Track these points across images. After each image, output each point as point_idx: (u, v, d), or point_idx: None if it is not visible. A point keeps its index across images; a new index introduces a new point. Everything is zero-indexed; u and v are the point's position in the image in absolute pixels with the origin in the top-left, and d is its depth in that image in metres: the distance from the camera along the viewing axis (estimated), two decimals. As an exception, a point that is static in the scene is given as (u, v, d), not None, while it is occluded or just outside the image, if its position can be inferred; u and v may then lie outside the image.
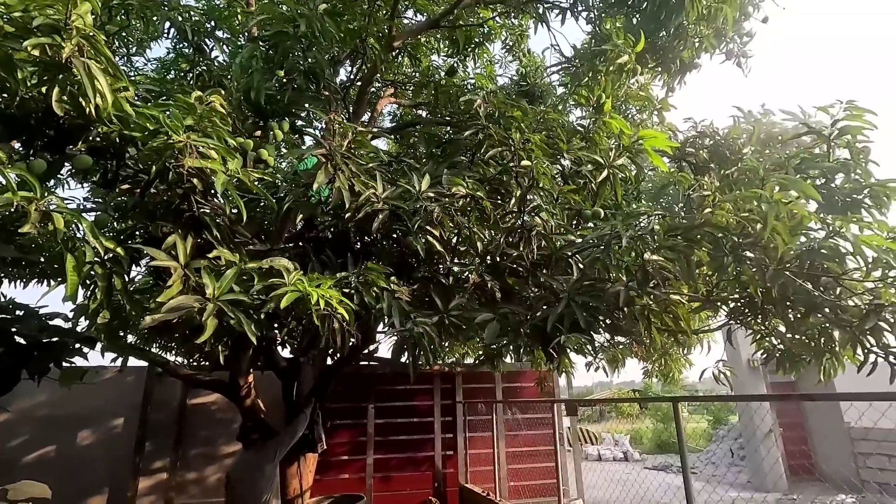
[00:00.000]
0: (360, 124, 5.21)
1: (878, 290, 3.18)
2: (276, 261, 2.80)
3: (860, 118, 3.12)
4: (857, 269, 3.09)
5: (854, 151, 3.18)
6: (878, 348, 3.25)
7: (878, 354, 3.30)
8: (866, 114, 3.10)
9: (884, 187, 3.05)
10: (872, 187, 3.09)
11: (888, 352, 3.25)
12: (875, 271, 3.15)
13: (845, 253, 2.88)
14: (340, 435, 7.52)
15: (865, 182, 3.13)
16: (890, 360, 3.27)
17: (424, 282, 3.69)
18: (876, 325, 3.08)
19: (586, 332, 3.07)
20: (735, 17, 4.24)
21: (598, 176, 3.37)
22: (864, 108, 3.10)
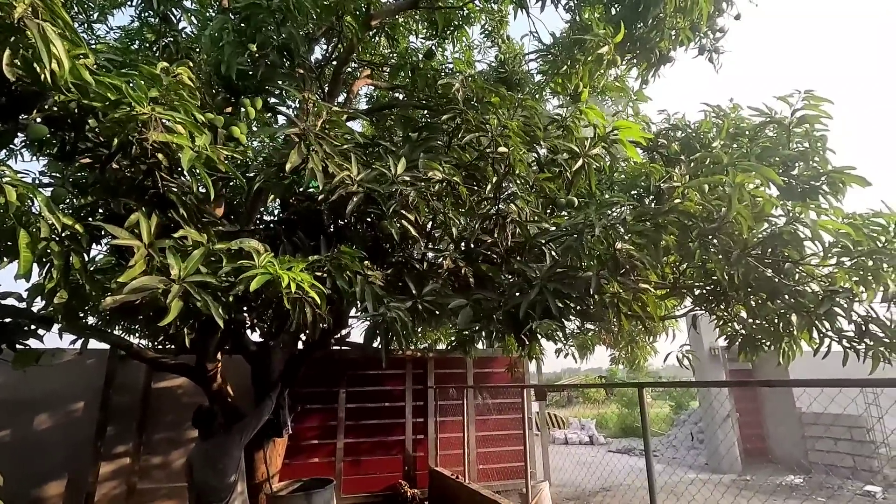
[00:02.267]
0: (335, 105, 5.10)
1: (834, 276, 3.32)
2: (245, 242, 2.73)
3: (818, 107, 3.22)
4: (814, 255, 3.21)
5: (812, 140, 3.29)
6: (832, 332, 3.41)
7: (832, 338, 3.46)
8: (823, 103, 3.20)
9: (840, 174, 3.17)
10: (830, 174, 3.20)
11: (841, 336, 3.41)
12: (831, 258, 3.28)
13: (804, 238, 2.97)
14: (311, 419, 7.47)
15: (823, 169, 3.24)
16: (843, 344, 3.44)
17: (398, 267, 3.67)
18: (830, 309, 3.22)
19: (558, 318, 3.11)
20: (710, 12, 4.30)
21: (574, 165, 3.40)
22: (821, 98, 3.20)
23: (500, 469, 8.06)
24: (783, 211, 3.15)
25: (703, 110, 4.60)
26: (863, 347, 3.27)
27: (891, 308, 3.22)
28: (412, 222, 3.04)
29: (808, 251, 3.18)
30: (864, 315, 3.24)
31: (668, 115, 4.55)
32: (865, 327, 3.23)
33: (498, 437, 8.23)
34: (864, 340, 3.24)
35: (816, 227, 2.83)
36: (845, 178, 3.18)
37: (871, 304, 3.28)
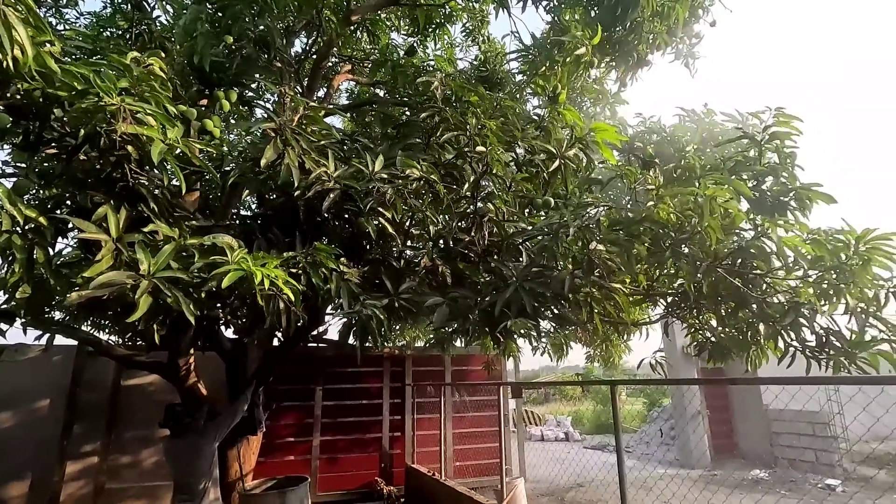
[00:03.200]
0: (313, 100, 5.04)
1: (798, 289, 3.45)
2: (218, 237, 2.68)
3: (788, 124, 3.34)
4: (781, 268, 3.34)
5: (782, 156, 3.40)
6: (796, 342, 3.54)
7: (797, 348, 3.59)
8: (794, 120, 3.32)
9: (807, 191, 3.29)
10: (797, 190, 3.32)
11: (805, 345, 3.55)
12: (797, 271, 3.41)
13: (771, 252, 3.09)
14: (287, 417, 7.40)
15: (791, 185, 3.36)
16: (806, 354, 3.58)
17: (375, 264, 3.65)
18: (795, 320, 3.34)
19: (533, 317, 3.15)
20: (686, 18, 4.39)
21: (551, 165, 3.43)
22: (791, 115, 3.32)
23: (477, 466, 8.12)
24: (752, 225, 3.25)
25: (677, 114, 4.70)
26: (824, 357, 3.39)
27: (850, 321, 3.36)
28: (389, 220, 3.03)
29: (775, 264, 3.30)
30: (826, 327, 3.37)
31: (644, 118, 4.64)
32: (826, 338, 3.36)
33: (475, 435, 8.29)
34: (825, 350, 3.37)
35: (782, 244, 2.93)
36: (812, 194, 3.30)
37: (832, 316, 3.41)
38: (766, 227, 3.00)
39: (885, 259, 2.94)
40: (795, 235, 3.03)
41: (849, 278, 2.96)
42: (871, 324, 3.28)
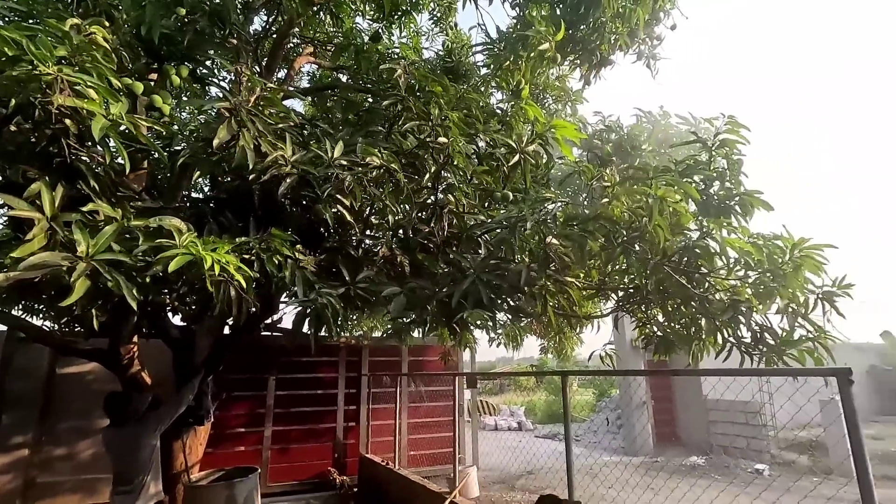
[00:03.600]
0: (272, 80, 4.87)
1: (737, 288, 3.67)
2: (166, 220, 2.56)
3: (737, 133, 3.52)
4: (723, 268, 3.54)
5: (730, 162, 3.59)
6: (733, 338, 3.77)
7: (733, 343, 3.83)
8: (742, 129, 3.50)
9: (751, 196, 3.49)
10: (742, 196, 3.51)
11: (740, 342, 3.79)
12: (738, 272, 3.63)
13: (714, 252, 3.27)
14: (238, 407, 7.21)
15: (736, 191, 3.56)
16: (741, 349, 3.82)
17: (333, 252, 3.60)
18: (734, 317, 3.56)
19: (489, 308, 3.19)
20: (647, 20, 4.53)
21: (511, 159, 3.47)
22: (741, 124, 3.50)
23: (431, 455, 8.20)
24: (698, 226, 3.43)
25: (635, 115, 4.86)
26: (757, 353, 3.63)
27: (782, 320, 3.62)
28: (348, 208, 2.98)
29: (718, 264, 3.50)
30: (761, 325, 3.61)
31: (604, 117, 4.76)
32: (760, 335, 3.59)
33: (429, 424, 8.35)
34: (758, 347, 3.61)
35: (724, 244, 3.11)
36: (754, 200, 3.50)
37: (766, 315, 3.66)
38: (711, 228, 3.17)
39: (815, 266, 3.18)
40: (737, 238, 3.21)
41: (782, 281, 3.18)
42: (799, 324, 3.55)
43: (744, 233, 3.35)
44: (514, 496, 7.63)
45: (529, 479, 8.70)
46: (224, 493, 4.33)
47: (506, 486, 8.35)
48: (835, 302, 3.55)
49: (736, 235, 3.29)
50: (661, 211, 2.89)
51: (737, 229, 3.35)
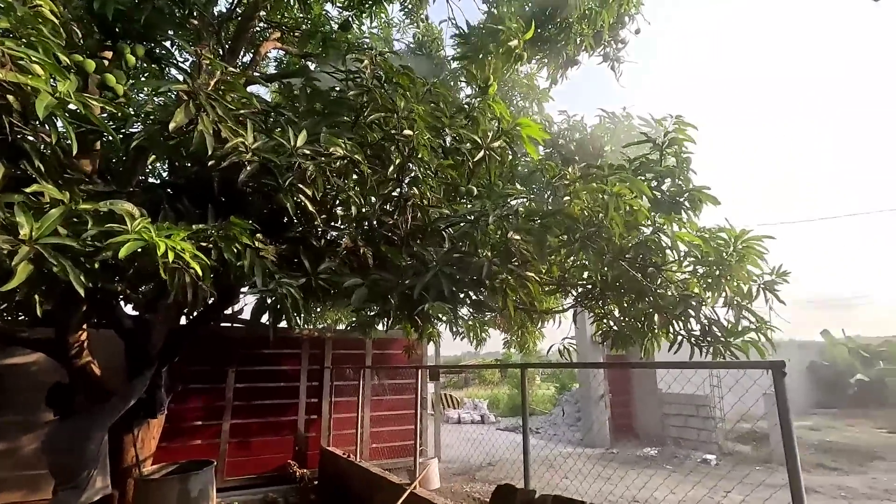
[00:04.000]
0: (236, 64, 4.74)
1: (687, 282, 3.84)
2: (117, 204, 2.47)
3: (684, 132, 3.68)
4: (674, 262, 3.69)
5: (680, 160, 3.75)
6: (683, 331, 3.94)
7: (684, 336, 4.00)
8: (689, 128, 3.67)
9: (699, 192, 3.66)
10: (691, 192, 3.68)
11: (690, 335, 3.96)
12: (688, 266, 3.80)
13: (666, 247, 3.41)
14: (196, 399, 7.02)
15: (686, 187, 3.72)
16: (691, 342, 4.00)
17: (295, 243, 3.55)
18: (684, 310, 3.72)
19: (451, 301, 3.23)
20: (612, 23, 4.65)
21: (476, 155, 3.51)
22: (688, 123, 3.67)
23: (393, 447, 8.22)
24: (651, 222, 3.57)
25: (599, 115, 4.98)
26: (705, 344, 3.81)
27: (728, 312, 3.81)
28: (310, 197, 2.95)
29: (670, 258, 3.65)
30: (709, 318, 3.79)
31: (568, 116, 4.87)
32: (709, 328, 3.78)
33: (392, 417, 8.37)
34: (707, 339, 3.79)
35: (675, 238, 3.25)
36: (702, 196, 3.67)
37: (714, 307, 3.84)
38: (663, 223, 3.31)
39: (757, 257, 3.36)
40: (686, 232, 3.36)
41: (728, 272, 3.35)
42: (744, 315, 3.74)
43: (692, 227, 3.51)
44: (475, 487, 7.75)
45: (490, 470, 8.85)
46: (177, 486, 4.22)
47: (467, 477, 8.47)
48: (776, 291, 3.76)
49: (685, 230, 3.44)
50: (617, 207, 3.00)
51: (686, 224, 3.50)
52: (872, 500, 6.94)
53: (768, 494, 4.10)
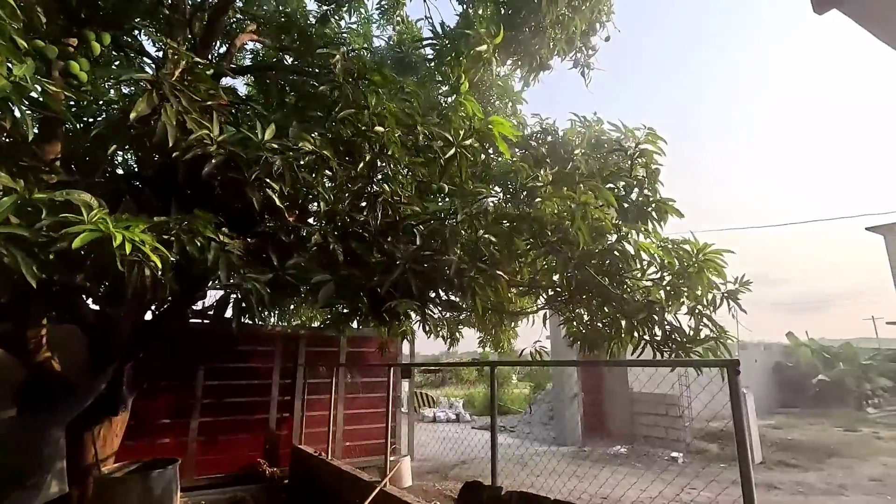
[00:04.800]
0: (208, 56, 4.66)
1: (651, 289, 3.94)
2: (74, 194, 2.41)
3: (655, 144, 3.78)
4: (638, 270, 3.79)
5: (649, 171, 3.84)
6: (647, 336, 4.04)
7: (647, 341, 4.10)
8: (660, 140, 3.76)
9: (665, 204, 3.75)
10: (658, 203, 3.77)
11: (653, 339, 4.06)
12: (652, 275, 3.89)
13: (631, 255, 3.49)
14: (163, 397, 6.86)
15: (653, 198, 3.81)
16: (653, 347, 4.10)
17: (263, 238, 3.51)
18: (648, 316, 3.82)
19: (419, 299, 3.24)
20: (583, 29, 4.73)
21: (448, 153, 3.52)
22: (658, 136, 3.76)
23: (366, 446, 8.19)
24: (617, 230, 3.65)
25: (571, 119, 5.05)
26: (667, 349, 3.92)
27: (691, 319, 3.92)
28: (278, 192, 2.93)
29: (635, 267, 3.74)
30: (671, 324, 3.89)
31: (541, 118, 4.92)
32: (670, 334, 3.88)
33: (366, 415, 8.33)
34: (669, 344, 3.89)
35: (639, 248, 3.34)
36: (668, 208, 3.77)
37: (676, 315, 3.95)
38: (627, 232, 3.39)
39: (717, 268, 3.48)
40: (651, 242, 3.46)
41: (688, 282, 3.46)
42: (704, 324, 3.86)
43: (657, 237, 3.60)
44: (447, 485, 7.78)
45: (463, 468, 8.89)
46: (138, 485, 4.12)
47: (439, 475, 8.49)
48: (738, 299, 3.89)
49: (650, 240, 3.53)
50: (584, 216, 3.06)
51: (651, 234, 3.60)
52: (828, 495, 7.22)
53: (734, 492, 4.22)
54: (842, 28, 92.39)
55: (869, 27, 1.75)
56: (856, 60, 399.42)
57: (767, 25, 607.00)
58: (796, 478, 8.19)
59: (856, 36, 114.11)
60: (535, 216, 3.23)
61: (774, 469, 8.87)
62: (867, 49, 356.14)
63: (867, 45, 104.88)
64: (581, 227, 3.03)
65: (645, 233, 3.56)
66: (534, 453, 9.77)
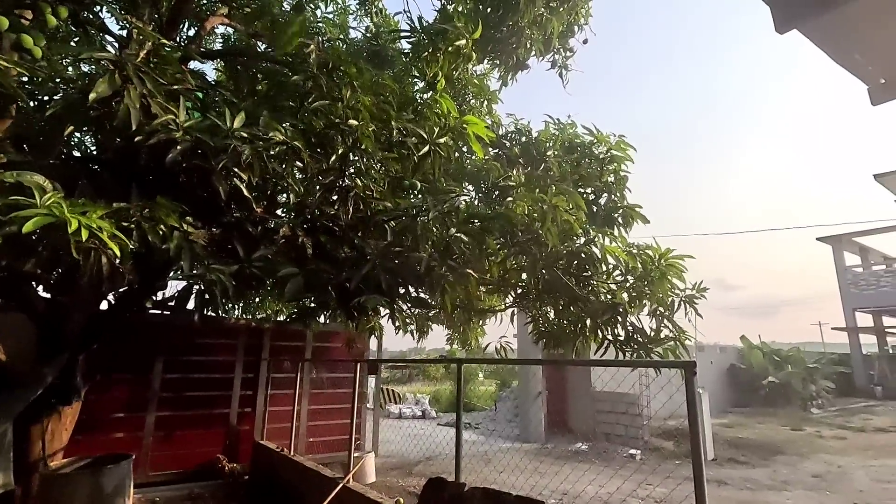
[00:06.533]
0: (174, 37, 4.49)
1: (615, 291, 4.06)
2: (26, 175, 2.29)
3: (625, 152, 3.89)
4: (604, 273, 3.90)
5: (618, 177, 3.95)
6: (610, 336, 4.16)
7: (611, 341, 4.22)
8: (629, 149, 3.87)
9: (632, 210, 3.87)
10: (625, 209, 3.88)
11: (616, 339, 4.19)
12: (618, 277, 4.01)
13: (597, 258, 3.59)
14: (117, 390, 6.60)
15: (620, 204, 3.92)
16: (616, 346, 4.22)
17: (229, 228, 3.42)
18: (612, 317, 3.94)
19: (388, 294, 3.23)
20: (561, 30, 4.80)
21: (421, 149, 3.52)
22: (628, 144, 3.87)
23: (330, 441, 8.11)
24: (585, 232, 3.75)
25: (545, 120, 5.12)
26: (629, 349, 4.05)
27: (652, 321, 4.07)
28: (245, 182, 2.85)
29: (601, 269, 3.85)
30: (633, 325, 4.02)
31: (516, 119, 4.97)
32: (632, 334, 4.01)
33: (330, 411, 8.25)
34: (631, 344, 4.02)
35: (605, 251, 3.44)
36: (634, 214, 3.88)
37: (639, 316, 4.09)
38: (595, 236, 3.49)
39: (678, 273, 3.62)
40: (616, 246, 3.57)
41: (651, 286, 3.58)
42: (665, 325, 4.01)
43: (623, 242, 3.71)
44: (410, 481, 7.79)
45: (428, 464, 8.92)
46: (88, 481, 3.96)
47: (403, 471, 8.49)
48: (695, 304, 4.04)
49: (616, 244, 3.64)
50: (554, 219, 3.12)
51: (617, 238, 3.71)
52: (773, 490, 7.60)
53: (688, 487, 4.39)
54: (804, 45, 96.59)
55: (826, 49, 1.84)
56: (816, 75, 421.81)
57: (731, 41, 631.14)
58: (745, 474, 8.59)
59: (815, 53, 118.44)
60: (506, 216, 3.26)
61: (725, 466, 9.27)
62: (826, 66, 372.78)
63: (825, 63, 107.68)
64: (551, 228, 3.09)
65: (611, 237, 3.66)
66: (498, 450, 9.90)
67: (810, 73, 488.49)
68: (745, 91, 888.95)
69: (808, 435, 12.34)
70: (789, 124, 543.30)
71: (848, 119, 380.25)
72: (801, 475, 8.49)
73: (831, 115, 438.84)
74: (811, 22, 1.78)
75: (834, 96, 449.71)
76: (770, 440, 11.51)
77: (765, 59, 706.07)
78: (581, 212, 3.57)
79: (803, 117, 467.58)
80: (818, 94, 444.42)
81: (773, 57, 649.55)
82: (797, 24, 1.75)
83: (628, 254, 3.56)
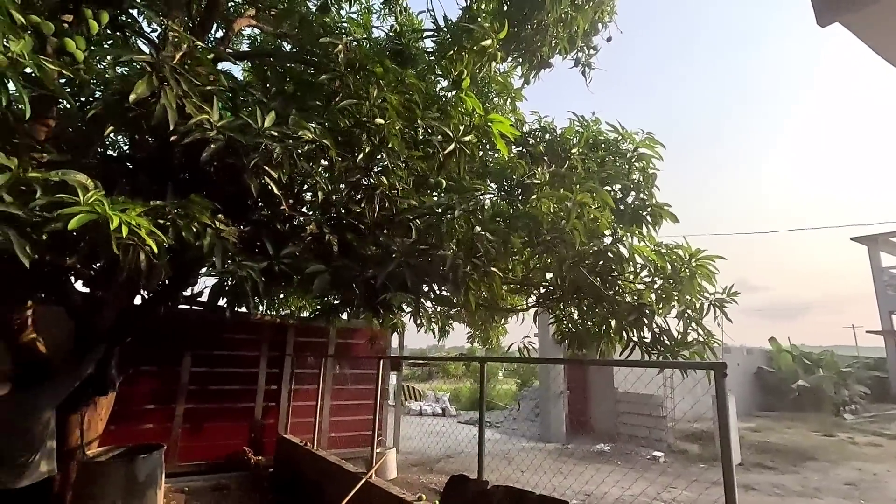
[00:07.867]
0: (205, 39, 4.60)
1: (642, 292, 3.99)
2: (70, 174, 2.38)
3: (653, 149, 3.81)
4: (630, 272, 3.84)
5: (646, 175, 3.88)
6: (636, 338, 4.10)
7: (636, 342, 4.16)
8: (658, 146, 3.80)
9: (660, 208, 3.79)
10: (653, 207, 3.81)
11: (641, 341, 4.13)
12: (647, 277, 3.95)
13: (624, 258, 3.54)
14: (148, 382, 6.81)
15: (649, 202, 3.85)
16: (642, 348, 4.16)
17: (258, 225, 3.50)
18: (638, 318, 3.87)
19: (413, 292, 3.25)
20: (586, 29, 4.74)
21: (447, 148, 3.53)
22: (657, 141, 3.80)
23: (352, 437, 8.20)
24: (612, 231, 3.69)
25: (569, 118, 5.07)
26: (655, 352, 3.98)
27: (679, 323, 3.99)
28: (275, 180, 2.91)
29: (628, 268, 3.79)
30: (660, 327, 3.95)
31: (540, 116, 4.94)
32: (659, 336, 3.94)
33: (353, 407, 8.34)
34: (657, 346, 3.95)
35: (633, 251, 3.38)
36: (663, 212, 3.81)
37: (666, 318, 4.01)
38: (622, 235, 3.44)
39: (708, 275, 3.53)
40: (644, 246, 3.51)
41: (680, 287, 3.51)
42: (693, 328, 3.92)
43: (651, 241, 3.65)
44: (431, 478, 7.82)
45: (448, 461, 8.95)
46: (122, 470, 4.10)
47: (424, 468, 8.54)
48: (725, 307, 3.95)
49: (644, 243, 3.58)
50: (580, 216, 3.09)
51: (645, 237, 3.64)
52: (803, 497, 7.39)
53: (714, 492, 4.31)
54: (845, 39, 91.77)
55: (869, 42, 1.78)
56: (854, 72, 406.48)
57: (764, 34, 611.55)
58: (773, 479, 8.37)
59: (856, 48, 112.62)
60: (531, 214, 3.25)
61: (752, 470, 9.05)
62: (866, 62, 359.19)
63: (867, 58, 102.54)
64: (577, 226, 3.06)
65: (639, 236, 3.60)
66: (519, 449, 9.87)
67: (842, 68, 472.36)
68: (774, 88, 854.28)
69: (841, 441, 11.95)
70: (823, 120, 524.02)
71: (887, 116, 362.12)
72: (832, 482, 8.23)
73: (868, 113, 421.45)
74: (854, 14, 1.73)
75: (871, 92, 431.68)
76: (799, 445, 11.18)
77: (796, 53, 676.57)
78: (608, 210, 3.53)
79: (837, 113, 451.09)
80: (854, 90, 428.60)
81: (804, 51, 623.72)
82: (839, 16, 1.69)
83: (657, 253, 3.50)
